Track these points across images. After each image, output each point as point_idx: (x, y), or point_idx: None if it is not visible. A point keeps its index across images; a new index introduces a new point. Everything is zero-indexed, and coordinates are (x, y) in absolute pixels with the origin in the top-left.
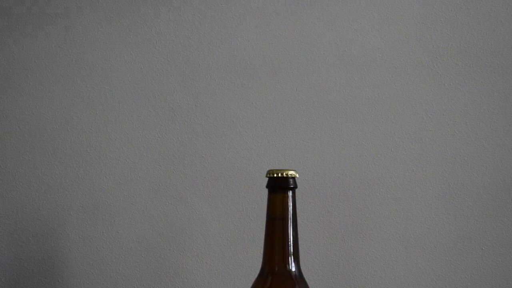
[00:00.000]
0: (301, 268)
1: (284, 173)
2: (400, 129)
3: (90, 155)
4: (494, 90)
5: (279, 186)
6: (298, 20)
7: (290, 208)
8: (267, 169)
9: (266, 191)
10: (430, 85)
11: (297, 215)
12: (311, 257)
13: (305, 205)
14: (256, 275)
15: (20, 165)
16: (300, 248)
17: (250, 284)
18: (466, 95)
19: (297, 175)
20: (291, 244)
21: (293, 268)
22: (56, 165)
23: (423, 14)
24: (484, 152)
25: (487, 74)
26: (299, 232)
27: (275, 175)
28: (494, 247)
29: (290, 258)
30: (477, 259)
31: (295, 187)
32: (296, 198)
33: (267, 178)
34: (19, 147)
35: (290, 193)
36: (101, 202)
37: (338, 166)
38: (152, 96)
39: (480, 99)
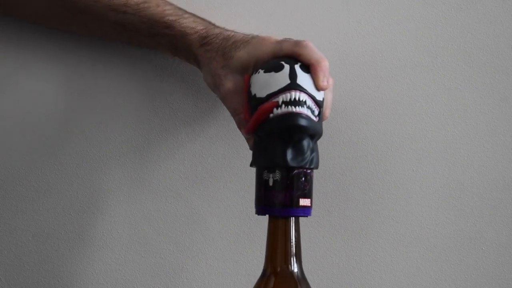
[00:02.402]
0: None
1: None
2: (400, 129)
3: (90, 155)
4: (494, 90)
5: None
6: (298, 20)
7: None
8: None
9: None
10: (430, 85)
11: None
12: (311, 257)
13: None
14: (256, 275)
15: (20, 165)
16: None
17: (251, 284)
18: (466, 95)
19: None
20: (294, 245)
21: (295, 269)
22: (56, 165)
23: (423, 14)
24: (484, 152)
25: (487, 74)
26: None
27: None
28: (494, 247)
29: (292, 258)
30: (477, 259)
31: None
32: None
33: None
34: (19, 147)
35: None
36: (101, 202)
37: (338, 166)
38: (152, 96)
39: (480, 99)
